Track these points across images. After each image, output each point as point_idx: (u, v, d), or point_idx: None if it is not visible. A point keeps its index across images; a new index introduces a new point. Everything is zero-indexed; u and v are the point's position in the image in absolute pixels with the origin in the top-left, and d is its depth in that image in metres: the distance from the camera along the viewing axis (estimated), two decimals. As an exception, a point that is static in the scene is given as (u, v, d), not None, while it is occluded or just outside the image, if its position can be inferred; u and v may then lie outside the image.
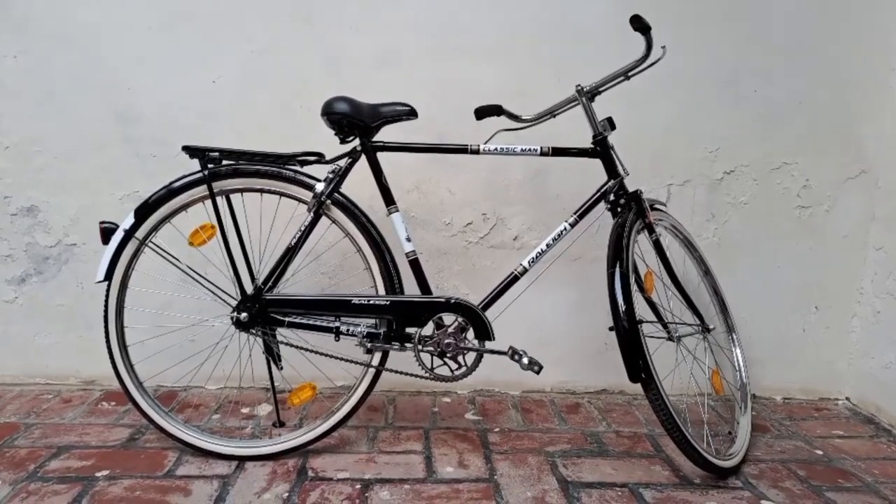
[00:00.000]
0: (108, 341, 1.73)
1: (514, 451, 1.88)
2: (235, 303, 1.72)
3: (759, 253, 2.34)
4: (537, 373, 1.68)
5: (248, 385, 2.21)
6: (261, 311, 1.71)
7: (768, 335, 2.38)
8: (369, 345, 1.73)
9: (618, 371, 2.34)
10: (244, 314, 1.70)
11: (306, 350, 1.75)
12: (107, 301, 1.72)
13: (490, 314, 1.76)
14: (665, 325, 1.92)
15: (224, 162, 1.75)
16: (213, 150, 1.72)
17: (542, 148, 1.82)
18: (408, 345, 1.75)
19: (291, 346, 1.75)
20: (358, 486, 1.63)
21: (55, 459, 1.71)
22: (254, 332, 1.72)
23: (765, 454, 1.94)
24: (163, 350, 2.05)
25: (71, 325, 2.19)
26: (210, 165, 1.72)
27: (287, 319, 1.71)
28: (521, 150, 1.81)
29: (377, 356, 1.77)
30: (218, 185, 1.74)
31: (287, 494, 1.58)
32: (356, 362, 1.77)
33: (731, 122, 2.27)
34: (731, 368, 2.14)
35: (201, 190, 1.73)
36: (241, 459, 1.74)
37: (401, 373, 1.79)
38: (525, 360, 1.68)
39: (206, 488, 1.59)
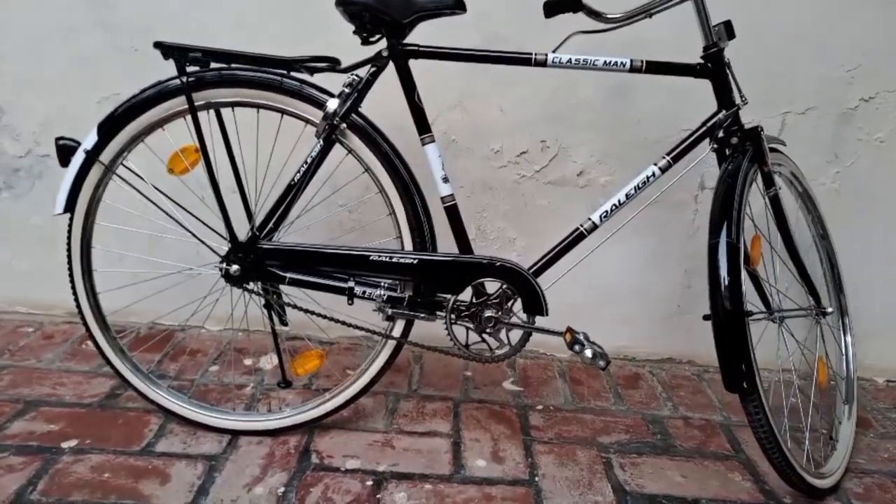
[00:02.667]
0: (73, 287, 1.42)
1: (561, 440, 1.55)
2: (226, 250, 1.37)
3: (888, 206, 1.85)
4: (603, 368, 1.30)
5: (255, 328, 1.90)
6: (256, 264, 1.36)
7: (880, 306, 1.93)
8: (390, 311, 1.38)
9: (689, 338, 1.99)
10: (235, 267, 1.35)
11: (314, 314, 1.40)
12: (69, 238, 1.39)
13: (544, 281, 1.37)
14: (768, 305, 1.50)
15: (212, 66, 1.33)
16: (194, 49, 1.30)
17: (632, 62, 1.35)
18: (439, 313, 1.39)
19: (296, 307, 1.41)
20: (369, 483, 1.34)
21: (20, 419, 1.45)
22: (248, 288, 1.39)
23: (869, 462, 1.58)
24: (157, 288, 1.74)
25: (52, 248, 1.86)
26: (192, 70, 1.32)
27: (288, 276, 1.36)
28: (605, 63, 1.34)
29: (399, 325, 1.42)
30: (203, 96, 1.35)
31: (283, 490, 1.30)
32: (374, 332, 1.42)
33: (880, 30, 1.71)
34: (836, 355, 1.73)
35: (181, 102, 1.34)
36: (235, 433, 1.46)
37: (427, 347, 1.45)
38: (588, 353, 1.30)
39: (187, 475, 1.32)
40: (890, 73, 1.74)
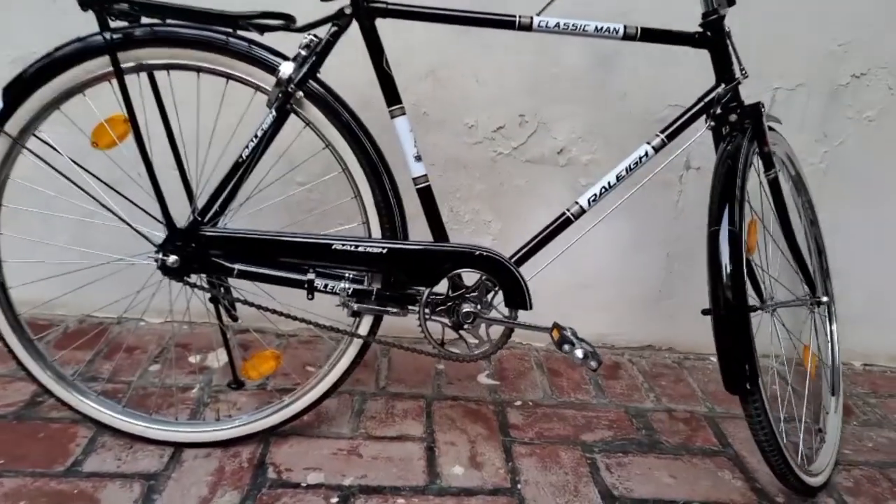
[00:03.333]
0: (-23, 282, 1.21)
1: (542, 440, 1.44)
2: (163, 239, 1.18)
3: (877, 186, 1.78)
4: (595, 369, 1.18)
5: (201, 320, 1.70)
6: (198, 254, 1.17)
7: (862, 289, 1.87)
8: (356, 306, 1.22)
9: (670, 324, 1.90)
10: (173, 258, 1.16)
11: (268, 310, 1.23)
12: (-29, 225, 1.18)
13: (526, 270, 1.23)
14: (760, 293, 1.40)
15: (143, 21, 1.13)
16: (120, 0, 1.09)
17: (625, 28, 1.20)
18: (411, 308, 1.24)
19: (247, 303, 1.23)
20: (334, 500, 1.19)
21: (-81, 438, 1.25)
22: (190, 281, 1.20)
23: (855, 452, 1.52)
24: (89, 278, 1.53)
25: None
26: (120, 25, 1.11)
27: (236, 267, 1.18)
28: (596, 29, 1.19)
29: (367, 321, 1.27)
30: (132, 56, 1.15)
31: (235, 513, 1.14)
32: (337, 330, 1.26)
33: (876, 3, 1.61)
34: (822, 344, 1.66)
35: (106, 62, 1.13)
36: (179, 446, 1.29)
37: (397, 346, 1.31)
38: (579, 353, 1.17)
39: (121, 498, 1.14)
40: (883, 48, 1.65)
